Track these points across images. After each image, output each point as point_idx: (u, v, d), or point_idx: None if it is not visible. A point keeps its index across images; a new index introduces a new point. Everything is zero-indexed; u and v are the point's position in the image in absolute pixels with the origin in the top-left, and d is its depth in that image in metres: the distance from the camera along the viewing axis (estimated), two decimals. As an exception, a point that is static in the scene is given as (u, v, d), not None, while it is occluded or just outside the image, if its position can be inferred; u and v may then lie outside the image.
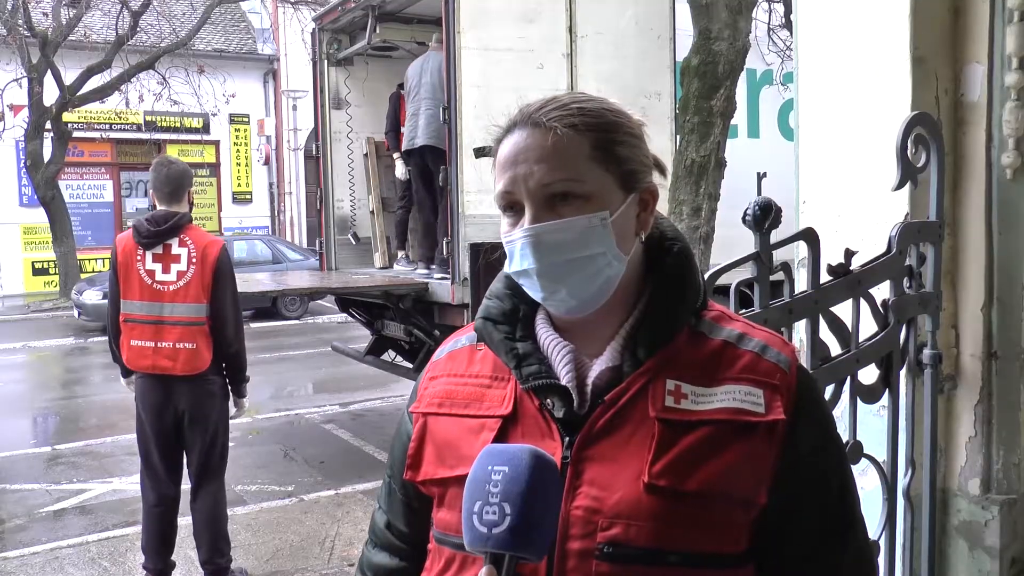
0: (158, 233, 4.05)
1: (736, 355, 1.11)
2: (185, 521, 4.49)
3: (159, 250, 4.07)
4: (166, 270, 4.05)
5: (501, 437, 1.10)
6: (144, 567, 4.34)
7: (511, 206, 1.10)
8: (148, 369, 4.10)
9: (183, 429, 4.18)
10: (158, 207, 4.14)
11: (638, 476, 1.04)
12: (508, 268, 1.12)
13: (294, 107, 22.35)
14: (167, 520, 4.28)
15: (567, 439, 1.07)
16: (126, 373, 4.31)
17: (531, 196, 1.07)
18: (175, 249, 4.07)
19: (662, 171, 1.16)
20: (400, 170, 7.55)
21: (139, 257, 4.07)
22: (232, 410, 4.37)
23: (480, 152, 5.38)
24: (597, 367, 1.11)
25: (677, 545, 1.04)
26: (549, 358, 1.13)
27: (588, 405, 1.09)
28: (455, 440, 1.14)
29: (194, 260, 4.07)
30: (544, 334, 1.15)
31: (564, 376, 1.11)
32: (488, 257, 5.22)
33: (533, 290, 1.11)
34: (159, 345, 4.05)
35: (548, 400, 1.10)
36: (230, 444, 4.43)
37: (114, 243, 4.21)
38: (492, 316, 1.18)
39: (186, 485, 4.35)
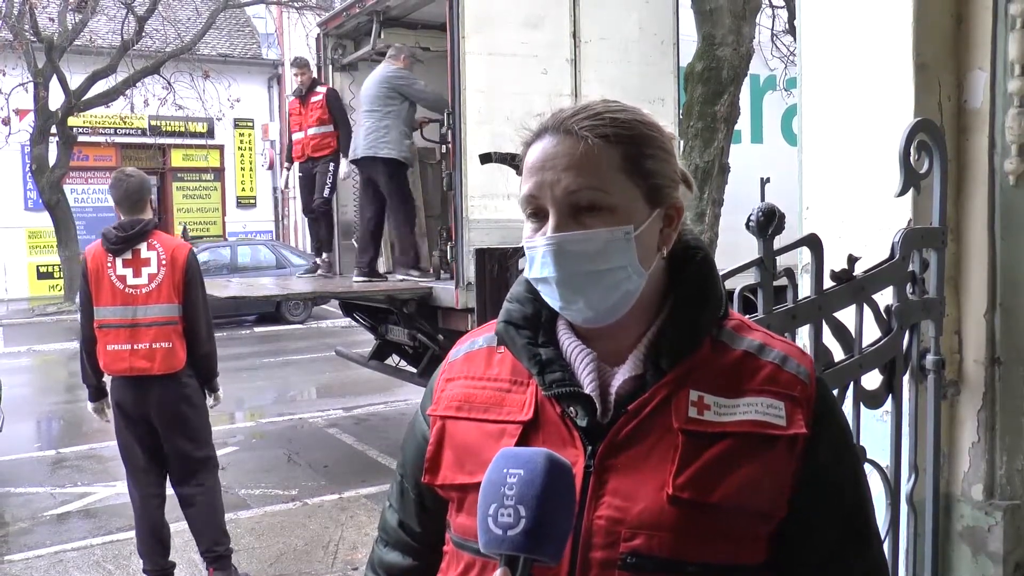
0: (127, 239, 4.18)
1: (757, 366, 1.10)
2: (181, 527, 4.53)
3: (128, 255, 4.19)
4: (137, 274, 4.17)
5: (522, 443, 1.09)
6: (144, 571, 4.36)
7: (535, 212, 1.09)
8: (125, 372, 4.18)
9: (161, 432, 4.25)
10: (122, 217, 4.27)
11: (661, 487, 1.04)
12: (528, 273, 1.12)
13: (299, 112, 22.39)
14: (157, 517, 4.32)
15: (589, 448, 1.07)
16: (95, 396, 4.37)
17: (556, 204, 1.06)
18: (144, 253, 4.19)
19: (689, 186, 1.16)
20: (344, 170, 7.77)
21: (109, 264, 4.17)
22: (210, 401, 4.47)
23: (486, 158, 5.38)
24: (620, 376, 1.10)
25: (698, 556, 1.04)
26: (571, 365, 1.12)
27: (611, 414, 1.09)
28: (475, 445, 1.13)
29: (164, 263, 4.19)
30: (567, 340, 1.14)
31: (587, 384, 1.10)
32: (505, 261, 5.25)
33: (551, 298, 1.11)
34: (135, 347, 4.14)
35: (571, 408, 1.09)
36: (234, 448, 4.46)
37: (83, 253, 4.32)
38: (514, 320, 1.17)
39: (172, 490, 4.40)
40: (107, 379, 4.32)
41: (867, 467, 2.09)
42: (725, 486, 1.04)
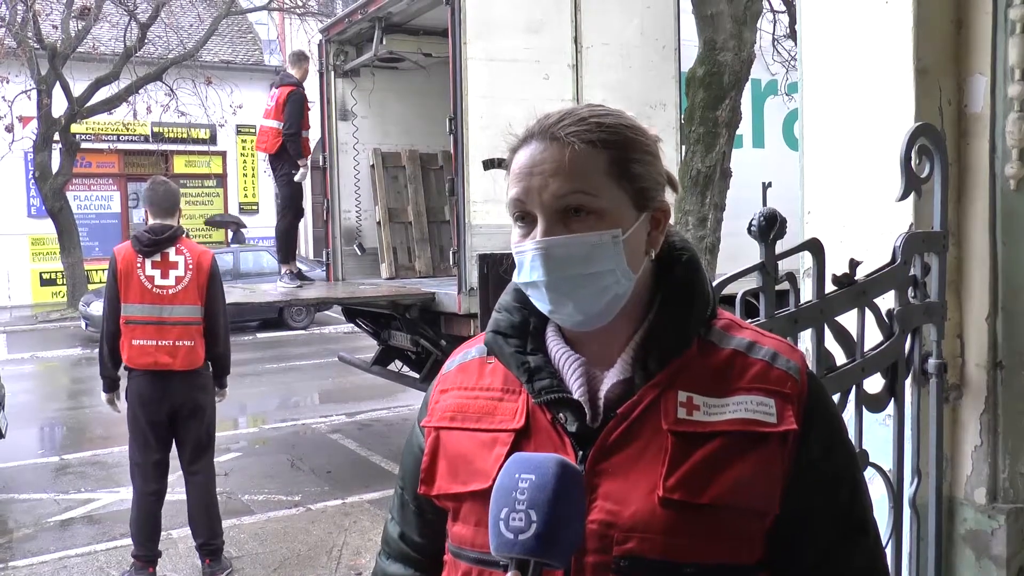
0: (157, 242, 4.48)
1: (746, 364, 1.10)
2: (184, 533, 4.57)
3: (157, 258, 4.49)
4: (164, 276, 4.48)
5: (514, 451, 1.09)
6: (134, 556, 4.52)
7: (523, 216, 1.10)
8: (150, 366, 4.43)
9: (179, 421, 4.52)
10: (151, 221, 4.56)
11: (652, 489, 1.04)
12: (517, 278, 1.12)
13: (301, 118, 22.42)
14: (159, 506, 4.55)
15: (580, 453, 1.08)
16: (109, 388, 4.63)
17: (544, 209, 1.07)
18: (172, 257, 4.50)
19: (675, 187, 1.16)
20: (300, 175, 7.64)
21: (139, 264, 4.45)
22: (217, 399, 4.81)
23: (488, 164, 5.41)
24: (608, 380, 1.11)
25: (692, 557, 1.04)
26: (560, 371, 1.13)
27: (600, 418, 1.09)
28: (468, 454, 1.14)
29: (190, 267, 4.52)
30: (555, 347, 1.15)
31: (576, 390, 1.10)
32: (498, 267, 5.27)
33: (541, 302, 1.11)
34: (160, 343, 4.44)
35: (560, 414, 1.10)
36: (237, 454, 4.54)
37: (112, 253, 4.57)
38: (502, 329, 1.17)
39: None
40: (122, 373, 4.57)
41: (870, 471, 2.10)
42: (717, 486, 1.04)
